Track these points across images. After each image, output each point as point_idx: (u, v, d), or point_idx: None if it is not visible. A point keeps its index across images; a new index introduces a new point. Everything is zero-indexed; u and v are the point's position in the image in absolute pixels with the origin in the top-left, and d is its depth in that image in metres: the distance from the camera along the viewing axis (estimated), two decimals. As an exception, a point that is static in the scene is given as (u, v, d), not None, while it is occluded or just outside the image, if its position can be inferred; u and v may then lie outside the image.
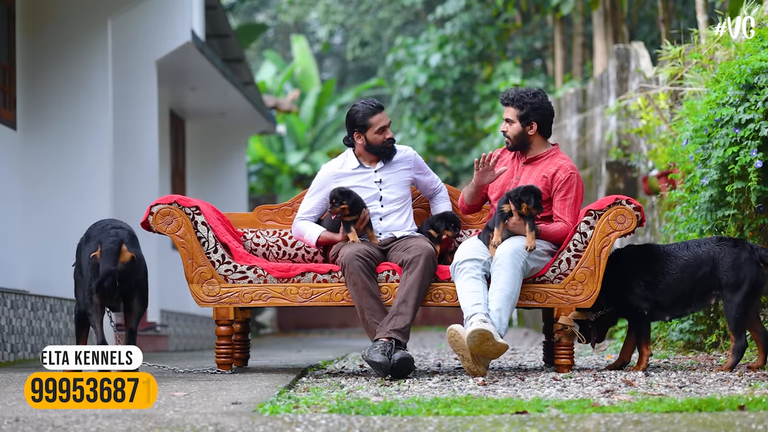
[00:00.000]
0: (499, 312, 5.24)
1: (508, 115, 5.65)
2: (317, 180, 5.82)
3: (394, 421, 3.62)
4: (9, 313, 7.03)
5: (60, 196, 8.27)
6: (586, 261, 5.48)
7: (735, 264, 5.31)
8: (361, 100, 5.81)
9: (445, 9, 19.63)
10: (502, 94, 5.70)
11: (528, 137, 5.64)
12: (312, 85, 22.88)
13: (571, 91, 14.07)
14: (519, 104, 5.61)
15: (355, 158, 5.81)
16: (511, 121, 5.64)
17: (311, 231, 5.73)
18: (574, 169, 5.60)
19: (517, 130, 5.63)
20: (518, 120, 5.61)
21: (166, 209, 5.59)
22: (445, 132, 21.06)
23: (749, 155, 5.55)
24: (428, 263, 5.41)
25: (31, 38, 8.29)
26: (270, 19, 30.47)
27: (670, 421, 3.53)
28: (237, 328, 5.99)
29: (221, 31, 13.73)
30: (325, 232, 5.69)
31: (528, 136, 5.63)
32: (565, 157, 5.68)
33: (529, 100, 5.60)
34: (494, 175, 5.63)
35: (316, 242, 5.71)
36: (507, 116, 5.65)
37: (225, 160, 14.43)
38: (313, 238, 5.71)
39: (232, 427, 3.48)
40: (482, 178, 5.65)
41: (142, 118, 9.98)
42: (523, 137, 5.63)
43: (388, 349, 5.21)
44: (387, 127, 5.74)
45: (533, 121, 5.61)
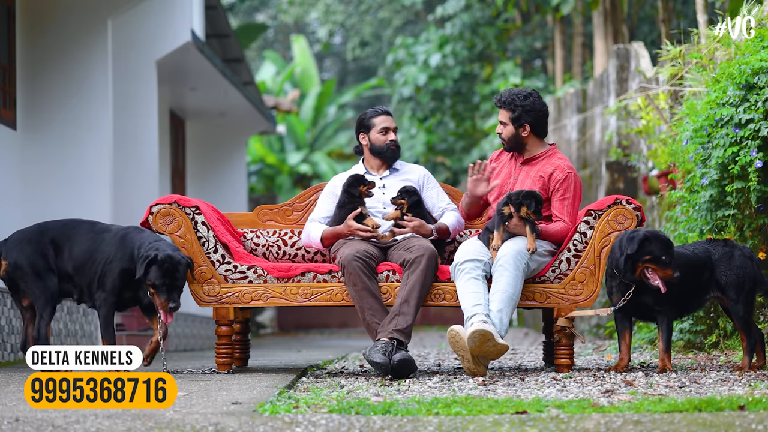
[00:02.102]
0: (500, 313, 5.24)
1: (502, 118, 5.69)
2: (327, 188, 5.92)
3: (394, 421, 3.62)
4: (9, 313, 7.02)
5: (60, 196, 8.27)
6: (586, 261, 5.48)
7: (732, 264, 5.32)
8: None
9: (445, 9, 19.63)
10: (495, 97, 5.74)
11: (522, 139, 5.65)
12: (312, 85, 22.87)
13: (571, 91, 14.07)
14: (510, 107, 5.64)
15: (362, 166, 5.92)
16: (504, 124, 5.68)
17: (315, 231, 5.75)
18: (571, 168, 5.61)
19: (510, 133, 5.66)
20: (511, 122, 5.64)
21: (166, 209, 5.60)
22: (445, 132, 21.06)
23: (749, 155, 5.55)
24: (430, 263, 5.41)
25: (31, 38, 8.29)
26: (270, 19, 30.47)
27: (670, 421, 3.52)
28: (237, 328, 5.99)
29: (221, 31, 13.73)
30: (327, 228, 5.71)
31: (522, 137, 5.65)
32: (562, 156, 5.69)
33: (520, 102, 5.61)
34: (487, 187, 5.63)
35: (320, 240, 5.73)
36: (500, 119, 5.70)
37: (225, 160, 14.43)
38: (317, 237, 5.72)
39: (232, 427, 3.48)
40: (475, 188, 5.65)
41: (142, 118, 9.98)
42: (517, 139, 5.65)
43: (388, 350, 5.21)
44: (390, 130, 5.83)
45: (526, 123, 5.63)
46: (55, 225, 5.53)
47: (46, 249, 5.40)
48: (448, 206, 5.86)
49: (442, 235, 5.76)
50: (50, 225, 5.53)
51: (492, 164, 5.79)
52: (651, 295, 5.27)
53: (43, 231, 5.47)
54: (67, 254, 5.42)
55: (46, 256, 5.39)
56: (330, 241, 5.72)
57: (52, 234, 5.46)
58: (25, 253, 5.40)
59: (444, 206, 5.86)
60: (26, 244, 5.42)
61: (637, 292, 5.29)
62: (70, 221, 5.58)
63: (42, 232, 5.46)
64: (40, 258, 5.37)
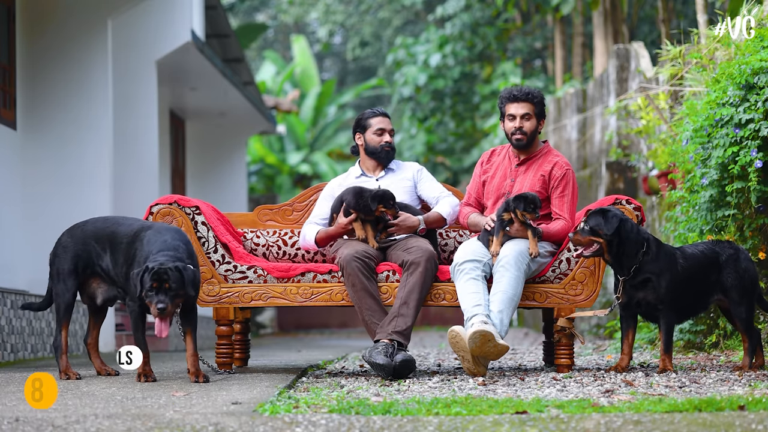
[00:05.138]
0: (500, 313, 5.24)
1: (525, 110, 5.62)
2: (325, 190, 5.94)
3: (394, 421, 3.62)
4: (9, 313, 7.03)
5: (60, 196, 8.27)
6: (586, 261, 5.48)
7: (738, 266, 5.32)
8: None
9: (445, 9, 19.63)
10: (511, 91, 5.67)
11: (537, 134, 5.68)
12: (312, 85, 22.87)
13: (571, 91, 14.07)
14: (534, 100, 5.64)
15: (358, 168, 5.95)
16: (529, 116, 5.63)
17: (310, 233, 5.79)
18: (568, 165, 5.65)
19: (534, 125, 5.66)
20: (535, 116, 5.65)
21: (166, 209, 5.60)
22: (445, 132, 21.06)
23: (749, 155, 5.55)
24: (429, 265, 5.41)
25: (31, 38, 8.29)
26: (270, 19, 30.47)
27: (670, 421, 3.52)
28: (237, 328, 5.99)
29: (221, 31, 13.74)
30: (321, 229, 5.75)
31: (538, 132, 5.68)
32: (558, 153, 5.71)
33: (537, 96, 5.67)
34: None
35: (314, 242, 5.75)
36: (524, 111, 5.62)
37: (225, 160, 14.43)
38: (312, 239, 5.75)
39: (232, 427, 3.48)
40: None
41: (142, 118, 9.98)
42: (535, 133, 5.67)
43: (390, 351, 5.21)
44: (386, 131, 5.87)
45: (542, 118, 5.68)
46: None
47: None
48: (442, 194, 5.85)
49: (435, 224, 5.75)
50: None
51: (484, 166, 5.79)
52: (653, 292, 5.26)
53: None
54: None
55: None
56: (324, 242, 5.75)
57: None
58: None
59: (437, 195, 5.85)
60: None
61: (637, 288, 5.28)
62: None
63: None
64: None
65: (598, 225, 5.22)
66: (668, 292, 5.23)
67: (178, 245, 4.97)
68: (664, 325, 5.28)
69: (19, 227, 8.06)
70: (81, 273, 5.20)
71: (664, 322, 5.28)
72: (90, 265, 5.20)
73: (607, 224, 5.21)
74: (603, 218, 5.22)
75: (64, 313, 5.18)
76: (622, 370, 5.32)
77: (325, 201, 5.89)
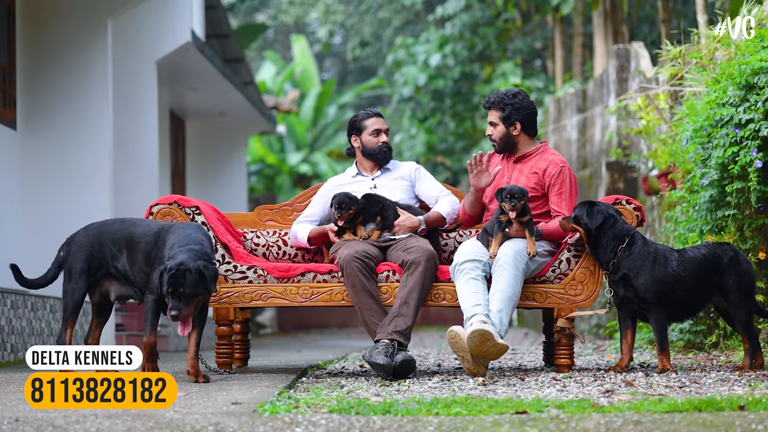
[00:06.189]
0: (500, 313, 5.24)
1: (492, 118, 5.72)
2: (320, 190, 5.96)
3: (394, 421, 3.62)
4: (9, 313, 7.03)
5: (60, 196, 8.26)
6: (586, 261, 5.48)
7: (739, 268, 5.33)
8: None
9: (445, 9, 19.63)
10: (484, 99, 5.78)
11: (513, 138, 5.67)
12: (312, 85, 22.88)
13: (571, 91, 14.07)
14: (500, 106, 5.67)
15: (354, 168, 5.97)
16: (495, 124, 5.70)
17: (302, 232, 5.82)
18: (564, 162, 5.65)
19: (501, 132, 5.68)
20: (501, 122, 5.67)
21: (166, 209, 5.60)
22: (445, 132, 21.07)
23: (749, 155, 5.55)
24: (429, 265, 5.41)
25: (31, 38, 8.29)
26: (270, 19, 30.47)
27: (670, 421, 3.52)
28: (237, 328, 5.99)
29: (221, 31, 13.74)
30: (315, 228, 5.78)
31: (513, 136, 5.67)
32: (554, 152, 5.72)
33: (509, 101, 5.65)
34: (490, 176, 5.63)
35: (307, 240, 5.77)
36: (490, 120, 5.73)
37: (225, 160, 14.43)
38: (304, 237, 5.79)
39: (232, 427, 3.48)
40: (478, 181, 5.64)
41: (142, 118, 9.98)
42: (508, 138, 5.67)
43: (390, 351, 5.21)
44: (382, 131, 5.88)
45: (516, 121, 5.66)
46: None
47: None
48: (441, 193, 5.86)
49: (436, 224, 5.75)
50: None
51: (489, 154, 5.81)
52: (631, 289, 5.28)
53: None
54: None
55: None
56: (318, 240, 5.78)
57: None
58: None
59: (437, 194, 5.86)
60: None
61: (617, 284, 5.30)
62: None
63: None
64: None
65: (581, 215, 5.33)
66: (648, 291, 5.24)
67: (202, 239, 5.01)
68: (654, 325, 5.30)
69: (18, 227, 8.06)
70: (94, 273, 5.20)
71: (654, 322, 5.30)
72: (104, 266, 5.19)
73: (590, 217, 5.32)
74: (588, 210, 5.33)
75: (72, 312, 5.18)
76: (622, 370, 5.32)
77: (319, 200, 5.91)
